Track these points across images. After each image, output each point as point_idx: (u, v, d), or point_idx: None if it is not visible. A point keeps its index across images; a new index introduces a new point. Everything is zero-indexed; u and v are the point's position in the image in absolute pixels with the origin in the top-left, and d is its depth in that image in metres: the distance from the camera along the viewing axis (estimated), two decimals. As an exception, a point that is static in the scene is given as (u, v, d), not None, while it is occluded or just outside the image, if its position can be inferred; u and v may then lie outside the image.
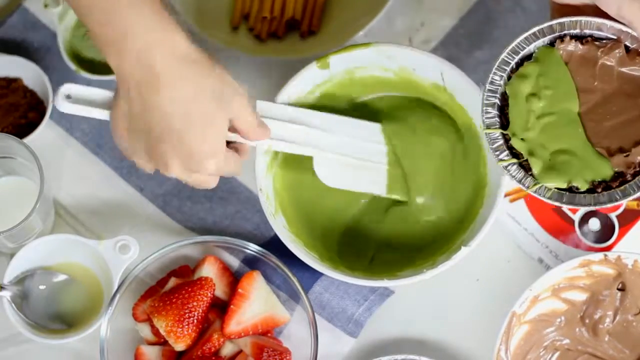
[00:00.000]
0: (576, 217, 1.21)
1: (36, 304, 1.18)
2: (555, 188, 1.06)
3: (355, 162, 1.15)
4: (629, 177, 1.04)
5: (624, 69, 1.06)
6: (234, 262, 1.20)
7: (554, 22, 1.06)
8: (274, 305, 1.17)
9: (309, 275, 1.20)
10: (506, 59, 1.08)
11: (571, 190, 1.06)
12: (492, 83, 1.08)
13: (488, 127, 1.08)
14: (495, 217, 1.13)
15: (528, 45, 1.08)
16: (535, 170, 1.06)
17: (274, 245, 1.21)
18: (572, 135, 1.06)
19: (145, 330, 1.18)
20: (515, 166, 1.07)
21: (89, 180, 1.25)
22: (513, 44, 1.08)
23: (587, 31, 1.06)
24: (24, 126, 1.24)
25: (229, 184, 1.25)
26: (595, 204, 1.05)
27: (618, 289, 1.17)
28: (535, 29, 1.07)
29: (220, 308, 1.18)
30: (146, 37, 0.98)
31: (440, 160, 1.19)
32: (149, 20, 0.98)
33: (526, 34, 1.07)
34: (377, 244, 1.20)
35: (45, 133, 1.24)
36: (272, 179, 1.18)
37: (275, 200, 1.18)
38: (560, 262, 1.17)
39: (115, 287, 1.17)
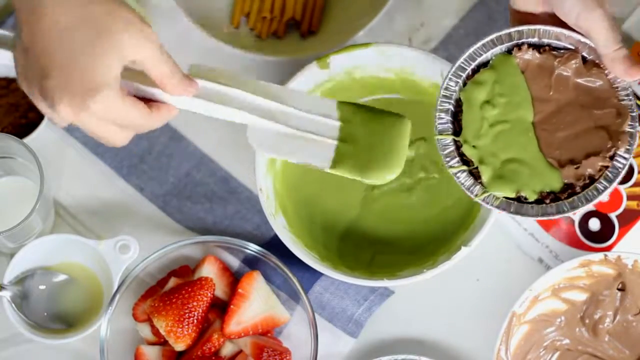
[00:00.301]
0: (576, 217, 1.21)
1: (36, 304, 1.18)
2: (504, 197, 1.04)
3: (295, 132, 1.05)
4: (578, 189, 1.03)
5: (579, 80, 1.04)
6: (234, 262, 1.20)
7: (513, 29, 1.05)
8: (274, 305, 1.17)
9: (309, 275, 1.20)
10: (462, 65, 1.06)
11: (519, 200, 1.04)
12: (446, 89, 1.06)
13: (440, 132, 1.06)
14: (495, 217, 1.13)
15: (485, 52, 1.06)
16: (485, 178, 1.04)
17: (274, 245, 1.21)
18: (524, 145, 1.05)
19: (145, 330, 1.18)
20: (465, 173, 1.05)
21: (89, 180, 1.25)
22: (470, 50, 1.06)
23: (545, 40, 1.05)
24: (24, 126, 1.24)
25: (229, 184, 1.25)
26: (542, 215, 1.03)
27: (618, 289, 1.17)
28: (493, 36, 1.06)
29: (220, 308, 1.18)
30: None
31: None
32: None
33: (484, 41, 1.06)
34: (377, 244, 1.20)
35: (45, 133, 1.23)
36: (272, 179, 1.18)
37: (275, 200, 1.18)
38: (560, 262, 1.17)
39: (115, 287, 1.17)
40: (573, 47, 1.04)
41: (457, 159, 1.05)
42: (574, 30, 1.03)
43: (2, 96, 1.25)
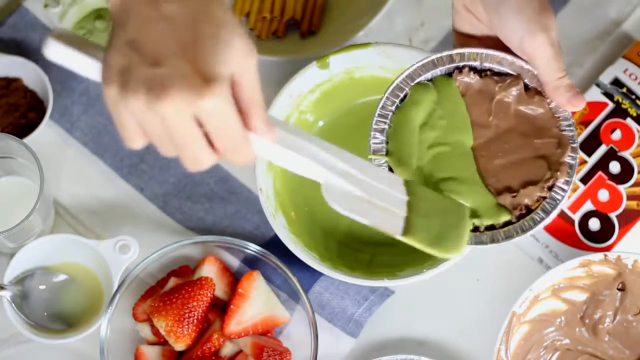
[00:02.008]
0: (576, 217, 1.21)
1: (36, 304, 1.18)
2: None
3: (365, 196, 1.00)
4: (513, 219, 0.99)
5: (520, 107, 1.00)
6: (234, 262, 1.20)
7: (454, 51, 1.01)
8: (274, 305, 1.17)
9: (309, 275, 1.20)
10: (401, 84, 1.02)
11: None
12: (383, 108, 1.02)
13: (374, 152, 1.01)
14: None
15: (425, 73, 1.02)
16: None
17: (274, 245, 1.21)
18: (461, 169, 1.01)
19: (145, 330, 1.18)
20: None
21: (89, 180, 1.25)
22: (409, 70, 1.02)
23: (487, 64, 1.01)
24: (24, 126, 1.24)
25: (229, 184, 1.25)
26: (475, 243, 1.00)
27: (618, 289, 1.17)
28: (433, 57, 1.01)
29: (220, 308, 1.18)
30: None
31: None
32: None
33: (424, 61, 1.02)
34: (377, 245, 1.20)
35: (45, 133, 1.24)
36: (272, 179, 1.18)
37: (275, 200, 1.18)
38: (560, 262, 1.18)
39: (115, 287, 1.17)
40: (515, 73, 1.00)
41: None
42: (516, 56, 0.98)
43: (2, 96, 1.25)
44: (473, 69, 1.01)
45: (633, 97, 1.24)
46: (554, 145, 1.00)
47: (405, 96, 1.02)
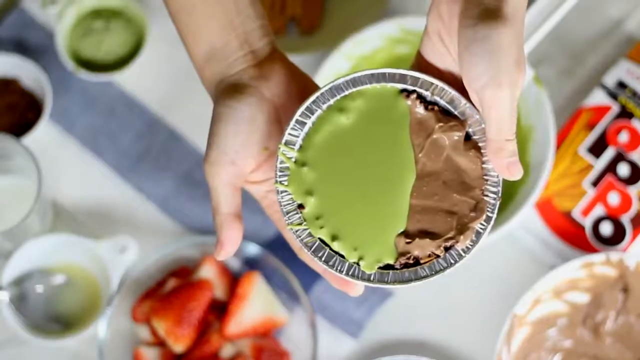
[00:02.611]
0: (587, 222, 1.20)
1: (34, 305, 1.18)
2: (319, 239, 0.92)
3: None
4: (397, 265, 0.92)
5: (453, 155, 0.93)
6: (234, 263, 1.20)
7: (410, 72, 0.93)
8: (274, 306, 1.17)
9: (309, 275, 1.20)
10: (342, 85, 0.94)
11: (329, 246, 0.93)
12: (314, 102, 0.93)
13: (286, 144, 0.93)
14: (537, 195, 1.08)
15: (371, 83, 0.94)
16: (307, 209, 0.92)
17: (274, 245, 1.21)
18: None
19: (144, 332, 1.18)
20: (290, 196, 0.93)
21: (87, 180, 1.25)
22: (355, 75, 0.94)
23: (437, 98, 0.93)
24: (22, 126, 1.23)
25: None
26: (348, 274, 0.92)
27: (620, 291, 1.17)
28: (386, 70, 0.94)
29: (220, 309, 1.17)
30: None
31: None
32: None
33: (374, 71, 0.94)
34: None
35: (43, 133, 1.23)
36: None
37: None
38: (566, 265, 1.17)
39: (114, 288, 1.16)
40: (461, 119, 0.93)
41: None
42: (471, 102, 0.91)
43: (0, 97, 1.24)
44: (421, 98, 0.94)
45: (637, 98, 1.23)
46: (470, 207, 0.93)
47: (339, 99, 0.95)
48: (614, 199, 1.21)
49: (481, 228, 0.92)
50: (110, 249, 1.18)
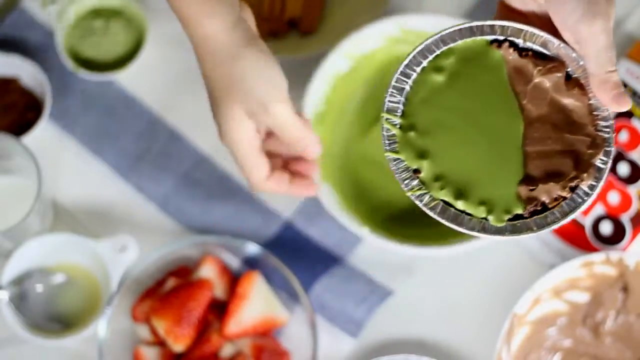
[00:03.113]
0: (587, 222, 1.20)
1: (34, 305, 1.18)
2: (442, 200, 0.91)
3: None
4: (526, 213, 0.91)
5: (557, 96, 0.92)
6: (234, 262, 1.20)
7: (497, 22, 0.92)
8: (274, 305, 1.17)
9: (309, 275, 1.20)
10: (433, 45, 0.94)
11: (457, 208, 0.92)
12: (407, 66, 0.92)
13: (388, 111, 0.92)
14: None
15: (460, 39, 0.93)
16: (424, 174, 0.92)
17: (274, 245, 1.21)
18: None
19: (144, 331, 1.17)
20: (404, 163, 0.92)
21: (87, 179, 1.25)
22: (443, 33, 0.93)
23: (529, 44, 0.92)
24: (21, 126, 1.23)
25: (229, 184, 1.25)
26: (479, 231, 0.91)
27: (620, 290, 1.17)
28: (474, 24, 0.92)
29: (220, 309, 1.17)
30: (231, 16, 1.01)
31: None
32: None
33: (462, 26, 0.93)
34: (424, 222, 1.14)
35: (43, 132, 1.23)
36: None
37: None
38: (566, 265, 1.17)
39: (114, 288, 1.16)
40: (558, 59, 0.92)
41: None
42: (564, 41, 0.91)
43: (0, 96, 1.24)
44: (513, 46, 0.93)
45: (638, 97, 1.24)
46: (586, 145, 0.92)
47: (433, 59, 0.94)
48: (613, 198, 1.21)
49: (602, 163, 0.90)
50: (110, 248, 1.17)
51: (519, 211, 0.91)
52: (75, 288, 1.20)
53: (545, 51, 0.92)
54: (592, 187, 0.90)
